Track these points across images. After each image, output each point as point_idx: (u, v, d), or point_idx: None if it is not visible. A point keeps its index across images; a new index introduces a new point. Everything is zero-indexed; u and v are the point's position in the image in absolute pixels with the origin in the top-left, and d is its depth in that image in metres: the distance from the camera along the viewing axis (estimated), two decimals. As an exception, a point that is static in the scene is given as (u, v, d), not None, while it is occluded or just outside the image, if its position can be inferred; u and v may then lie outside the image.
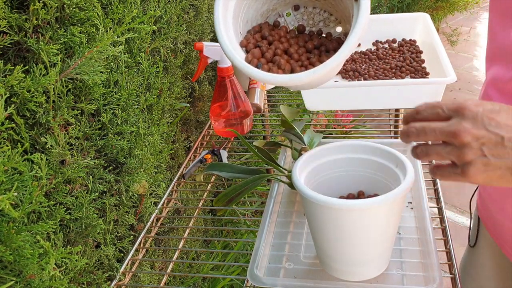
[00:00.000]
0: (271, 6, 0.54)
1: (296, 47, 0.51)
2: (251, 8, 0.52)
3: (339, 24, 0.54)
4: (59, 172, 0.48)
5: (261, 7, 0.53)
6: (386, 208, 0.43)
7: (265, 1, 0.53)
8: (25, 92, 0.42)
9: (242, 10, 0.51)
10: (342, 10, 0.52)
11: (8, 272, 0.42)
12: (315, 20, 0.55)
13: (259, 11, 0.53)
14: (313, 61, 0.49)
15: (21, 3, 0.44)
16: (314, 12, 0.55)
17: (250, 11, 0.52)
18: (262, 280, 0.48)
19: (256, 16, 0.54)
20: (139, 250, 0.63)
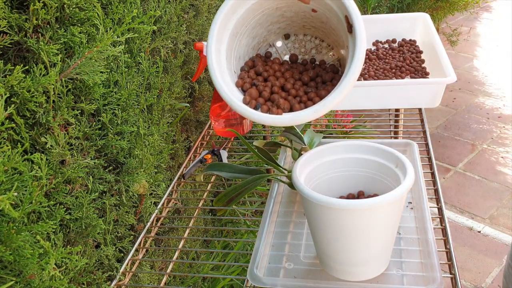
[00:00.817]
0: (261, 38, 0.54)
1: (292, 81, 0.51)
2: (241, 44, 0.52)
3: (332, 50, 0.54)
4: (59, 172, 0.48)
5: (252, 41, 0.53)
6: (386, 208, 0.43)
7: (255, 35, 0.53)
8: (25, 92, 0.42)
9: (234, 49, 0.51)
10: (335, 37, 0.51)
11: (8, 272, 0.42)
12: (307, 47, 0.55)
13: (250, 45, 0.54)
14: (311, 96, 0.49)
15: (21, 3, 0.44)
16: (305, 40, 0.55)
17: (242, 47, 0.53)
18: (262, 280, 0.48)
19: (247, 50, 0.54)
20: (139, 250, 0.63)
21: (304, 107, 0.48)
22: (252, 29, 0.52)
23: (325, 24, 0.50)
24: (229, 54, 0.50)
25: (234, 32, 0.50)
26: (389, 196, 0.42)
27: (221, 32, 0.48)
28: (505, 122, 1.75)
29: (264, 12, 0.50)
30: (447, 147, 1.64)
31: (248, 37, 0.52)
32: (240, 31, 0.51)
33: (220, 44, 0.48)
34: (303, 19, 0.52)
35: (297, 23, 0.53)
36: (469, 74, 2.11)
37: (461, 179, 1.48)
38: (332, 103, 0.44)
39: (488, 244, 1.23)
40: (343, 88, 0.43)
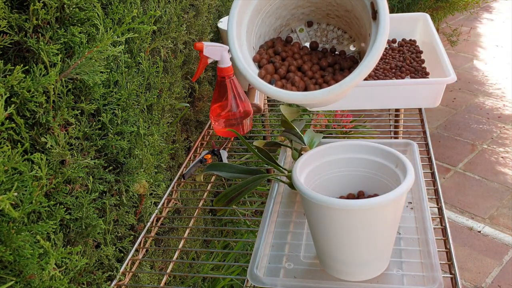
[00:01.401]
0: (284, 21, 0.53)
1: (310, 64, 0.51)
2: (264, 23, 0.52)
3: (353, 42, 0.53)
4: (59, 172, 0.48)
5: (274, 22, 0.53)
6: (386, 208, 0.43)
7: (278, 16, 0.52)
8: (25, 92, 0.42)
9: (256, 25, 0.50)
10: (358, 28, 0.51)
11: (8, 272, 0.42)
12: (329, 37, 0.54)
13: (272, 26, 0.53)
14: (327, 79, 0.48)
15: (21, 3, 0.44)
16: (328, 29, 0.54)
17: (264, 26, 0.52)
18: (262, 280, 0.48)
19: (269, 31, 0.53)
20: (139, 250, 0.63)
21: (319, 88, 0.48)
22: (276, 9, 0.51)
23: (350, 13, 0.49)
24: (250, 29, 0.50)
25: (258, 8, 0.49)
26: (389, 196, 0.42)
27: (245, 4, 0.48)
28: (505, 122, 1.75)
29: None
30: (447, 147, 1.63)
31: (271, 16, 0.51)
32: (264, 9, 0.50)
33: (243, 16, 0.48)
34: (328, 6, 0.51)
35: (322, 10, 0.52)
36: (469, 74, 2.11)
37: (461, 179, 1.48)
38: (349, 84, 0.43)
39: (488, 244, 1.23)
40: (361, 70, 0.43)
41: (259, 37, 0.52)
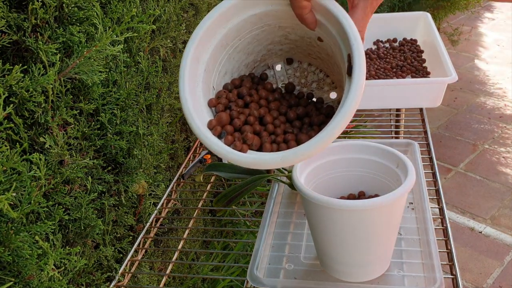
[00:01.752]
0: (258, 57, 0.47)
1: (275, 115, 0.43)
2: (232, 58, 0.45)
3: (335, 89, 0.46)
4: (58, 172, 0.48)
5: (246, 57, 0.46)
6: (387, 209, 0.43)
7: (250, 51, 0.45)
8: (24, 92, 0.42)
9: (220, 62, 0.44)
10: (338, 76, 0.44)
11: (7, 273, 0.41)
12: (309, 79, 0.47)
13: (243, 61, 0.46)
14: (288, 138, 0.41)
15: (20, 3, 0.44)
16: (309, 70, 0.47)
17: (231, 62, 0.45)
18: (262, 281, 0.47)
19: (239, 67, 0.46)
20: (138, 251, 0.63)
21: (276, 149, 0.41)
22: (247, 44, 0.44)
23: (331, 58, 0.43)
24: (211, 66, 0.43)
25: (224, 43, 0.43)
26: (390, 196, 0.42)
27: (207, 39, 0.42)
28: (507, 122, 1.74)
29: (264, 29, 0.43)
30: (448, 147, 1.63)
31: (241, 52, 0.45)
32: (232, 44, 0.43)
33: (202, 51, 0.42)
34: (309, 46, 0.45)
35: (302, 49, 0.46)
36: (471, 73, 2.10)
37: (462, 179, 1.47)
38: (304, 154, 0.37)
39: (489, 244, 1.23)
40: (320, 140, 0.36)
41: (225, 74, 0.45)
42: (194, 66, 0.41)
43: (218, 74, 0.44)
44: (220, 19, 0.41)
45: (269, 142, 0.41)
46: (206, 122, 0.41)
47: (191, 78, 0.41)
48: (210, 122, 0.41)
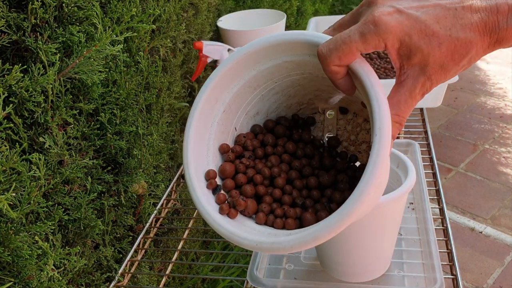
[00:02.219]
0: (305, 100, 0.40)
1: (293, 177, 0.36)
2: (267, 100, 0.39)
3: None
4: (57, 172, 0.48)
5: (287, 99, 0.39)
6: (387, 209, 0.43)
7: (292, 94, 0.39)
8: (24, 91, 0.42)
9: (248, 103, 0.38)
10: None
11: (6, 273, 0.41)
12: (359, 138, 0.39)
13: (283, 103, 0.40)
14: (289, 215, 0.34)
15: (20, 2, 0.44)
16: (363, 127, 0.39)
17: (266, 103, 0.39)
18: (262, 282, 0.47)
19: (277, 107, 0.40)
20: (138, 251, 0.63)
21: (270, 223, 0.34)
22: (287, 87, 0.38)
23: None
24: (233, 107, 0.37)
25: (253, 84, 0.37)
26: (390, 196, 0.42)
27: (230, 78, 0.36)
28: (507, 122, 1.74)
29: (305, 76, 0.37)
30: (448, 147, 1.63)
31: (279, 94, 0.38)
32: (264, 86, 0.37)
33: (222, 90, 0.36)
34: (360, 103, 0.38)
35: (357, 104, 0.38)
36: (471, 73, 2.10)
37: (463, 179, 1.47)
38: (298, 246, 0.29)
39: (489, 244, 1.22)
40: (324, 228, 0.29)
41: (255, 114, 0.39)
42: (210, 105, 0.36)
43: (246, 114, 0.38)
44: (248, 60, 0.35)
45: (264, 213, 0.34)
46: (205, 169, 0.36)
47: (202, 116, 0.36)
48: (208, 173, 0.35)
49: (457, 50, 0.28)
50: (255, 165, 0.37)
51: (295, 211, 0.34)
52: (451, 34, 0.27)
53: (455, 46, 0.28)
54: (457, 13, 0.27)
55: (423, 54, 0.28)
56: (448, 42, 0.27)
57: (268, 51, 0.35)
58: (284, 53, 0.35)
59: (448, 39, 0.27)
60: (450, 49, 0.28)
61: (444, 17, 0.27)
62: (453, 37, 0.27)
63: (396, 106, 0.29)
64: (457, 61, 0.28)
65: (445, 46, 0.28)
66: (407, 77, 0.29)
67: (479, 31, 0.27)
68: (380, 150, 0.28)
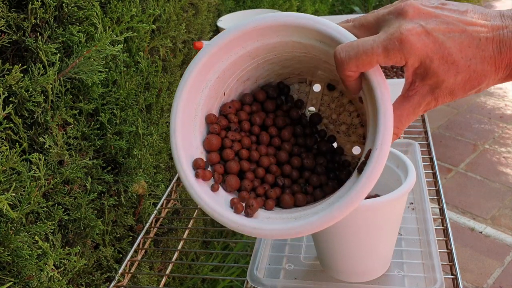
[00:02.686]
0: (296, 71, 0.40)
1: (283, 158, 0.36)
2: (261, 68, 0.38)
3: (362, 144, 0.38)
4: (57, 172, 0.48)
5: (280, 69, 0.39)
6: (387, 209, 0.43)
7: (287, 66, 0.38)
8: (24, 91, 0.42)
9: (242, 70, 0.37)
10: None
11: (6, 273, 0.41)
12: (341, 118, 0.39)
13: (275, 71, 0.39)
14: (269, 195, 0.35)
15: (19, 2, 0.44)
16: (346, 108, 0.39)
17: (259, 71, 0.39)
18: (262, 282, 0.47)
19: (268, 75, 0.39)
20: (138, 251, 0.63)
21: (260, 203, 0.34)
22: (285, 60, 0.38)
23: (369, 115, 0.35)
24: (227, 73, 0.37)
25: (253, 54, 0.36)
26: (390, 196, 0.42)
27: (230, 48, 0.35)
28: (507, 122, 1.74)
29: (307, 55, 0.36)
30: (448, 147, 1.63)
31: (274, 64, 0.38)
32: (264, 56, 0.37)
33: (219, 59, 0.36)
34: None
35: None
36: (471, 74, 2.10)
37: (463, 179, 1.47)
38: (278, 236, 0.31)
39: (489, 245, 1.22)
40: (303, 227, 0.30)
41: (246, 79, 0.38)
42: (206, 71, 0.36)
43: (237, 80, 0.38)
44: (255, 33, 0.35)
45: (247, 191, 0.34)
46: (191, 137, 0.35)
47: (196, 80, 0.35)
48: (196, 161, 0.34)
49: (470, 80, 0.28)
50: (241, 138, 0.36)
51: (275, 192, 0.35)
52: (470, 65, 0.28)
53: (470, 77, 0.28)
54: (480, 44, 0.27)
55: (438, 79, 0.28)
56: (465, 72, 0.28)
57: (278, 28, 0.34)
58: (295, 34, 0.34)
59: (466, 70, 0.28)
60: (464, 79, 0.28)
61: (467, 46, 0.27)
62: (471, 69, 0.28)
63: (397, 119, 0.30)
64: (467, 90, 0.29)
65: (461, 76, 0.28)
66: (415, 93, 0.29)
67: (496, 65, 0.28)
68: (376, 165, 0.29)
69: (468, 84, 0.28)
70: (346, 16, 1.17)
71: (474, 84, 0.28)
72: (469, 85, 0.28)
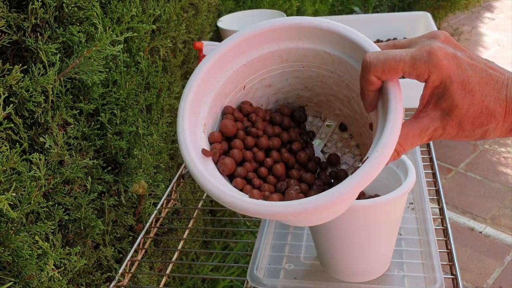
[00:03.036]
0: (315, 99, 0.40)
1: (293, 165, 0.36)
2: (285, 79, 0.38)
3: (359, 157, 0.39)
4: (57, 172, 0.48)
5: (302, 89, 0.39)
6: (387, 209, 0.43)
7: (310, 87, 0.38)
8: (24, 91, 0.42)
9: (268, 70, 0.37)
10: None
11: (7, 273, 0.41)
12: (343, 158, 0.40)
13: (296, 90, 0.39)
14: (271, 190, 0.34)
15: (20, 2, 0.44)
16: (351, 151, 0.39)
17: (283, 81, 0.38)
18: (262, 281, 0.47)
19: (289, 91, 0.39)
20: (138, 251, 0.63)
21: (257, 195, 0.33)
22: (309, 77, 0.38)
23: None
24: (255, 66, 0.37)
25: (283, 56, 0.36)
26: (390, 196, 0.42)
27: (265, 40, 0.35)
28: (507, 122, 1.74)
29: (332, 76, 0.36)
30: (448, 147, 1.63)
31: (298, 79, 0.38)
32: (292, 64, 0.37)
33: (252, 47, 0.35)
34: (363, 127, 0.37)
35: (359, 126, 0.38)
36: (470, 74, 2.10)
37: (463, 179, 1.47)
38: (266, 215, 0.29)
39: (489, 244, 1.22)
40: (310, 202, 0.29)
41: (268, 86, 0.38)
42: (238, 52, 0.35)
43: (260, 80, 0.38)
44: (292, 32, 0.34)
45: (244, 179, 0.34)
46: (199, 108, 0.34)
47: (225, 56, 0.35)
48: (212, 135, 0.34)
49: (480, 116, 0.29)
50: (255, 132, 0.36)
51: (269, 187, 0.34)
52: (484, 100, 0.28)
53: (481, 112, 0.29)
54: (497, 86, 0.29)
55: (452, 104, 0.29)
56: (478, 106, 0.28)
57: (315, 33, 0.34)
58: (328, 43, 0.34)
59: (479, 104, 0.28)
60: (476, 112, 0.29)
61: (486, 83, 0.29)
62: (485, 104, 0.28)
63: (403, 136, 0.30)
64: (474, 127, 0.29)
65: (473, 108, 0.28)
66: (426, 115, 0.30)
67: (506, 110, 0.29)
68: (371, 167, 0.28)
69: (477, 119, 0.29)
70: (346, 16, 1.18)
71: (483, 122, 0.29)
72: (479, 121, 0.29)
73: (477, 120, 0.29)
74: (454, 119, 0.29)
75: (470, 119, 0.29)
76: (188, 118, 0.33)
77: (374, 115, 0.33)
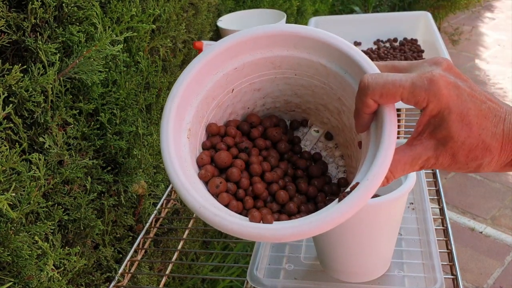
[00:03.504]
0: (303, 106, 0.39)
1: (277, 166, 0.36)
2: (276, 84, 0.37)
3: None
4: (57, 172, 0.48)
5: (291, 96, 0.38)
6: (387, 209, 0.43)
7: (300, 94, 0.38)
8: (23, 91, 0.42)
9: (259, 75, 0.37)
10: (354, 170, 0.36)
11: (6, 273, 0.41)
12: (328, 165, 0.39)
13: (285, 96, 0.39)
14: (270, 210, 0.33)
15: (19, 2, 0.44)
16: (335, 161, 0.39)
17: (274, 86, 0.38)
18: (262, 282, 0.47)
19: (278, 96, 0.38)
20: (138, 251, 0.63)
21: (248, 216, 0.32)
22: (301, 86, 0.37)
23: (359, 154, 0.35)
24: (245, 71, 0.36)
25: (276, 63, 0.36)
26: (390, 196, 0.42)
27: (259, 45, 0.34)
28: (507, 122, 1.74)
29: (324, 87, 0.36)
30: (448, 147, 1.63)
31: (289, 86, 0.37)
32: (284, 71, 0.36)
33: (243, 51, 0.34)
34: (351, 141, 0.37)
35: (346, 138, 0.38)
36: (471, 73, 2.10)
37: (463, 179, 1.47)
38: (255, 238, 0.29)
39: (490, 245, 1.22)
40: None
41: (258, 90, 0.38)
42: (228, 56, 0.34)
43: (249, 84, 0.37)
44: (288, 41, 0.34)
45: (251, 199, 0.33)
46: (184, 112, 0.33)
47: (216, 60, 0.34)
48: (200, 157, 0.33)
49: (475, 150, 0.28)
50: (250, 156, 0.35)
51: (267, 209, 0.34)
52: (481, 134, 0.28)
53: (477, 146, 0.28)
54: (495, 119, 0.28)
55: (448, 135, 0.28)
56: (475, 139, 0.28)
57: (313, 43, 0.33)
58: (326, 56, 0.34)
59: (476, 137, 0.28)
60: (471, 146, 0.28)
61: (484, 116, 0.28)
62: (481, 138, 0.28)
63: (394, 163, 0.29)
64: (468, 159, 0.28)
65: (469, 141, 0.28)
66: (420, 143, 0.29)
67: (502, 145, 0.28)
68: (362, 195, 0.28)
69: (472, 152, 0.28)
70: (346, 15, 1.18)
71: (478, 156, 0.28)
72: (473, 154, 0.28)
73: (472, 154, 0.28)
74: (449, 150, 0.28)
75: (465, 151, 0.28)
76: (173, 125, 0.32)
77: (365, 134, 0.32)
